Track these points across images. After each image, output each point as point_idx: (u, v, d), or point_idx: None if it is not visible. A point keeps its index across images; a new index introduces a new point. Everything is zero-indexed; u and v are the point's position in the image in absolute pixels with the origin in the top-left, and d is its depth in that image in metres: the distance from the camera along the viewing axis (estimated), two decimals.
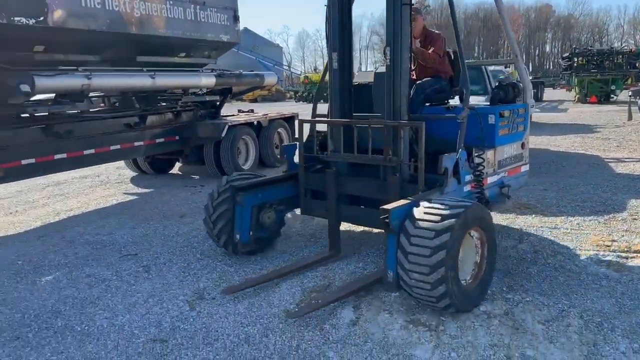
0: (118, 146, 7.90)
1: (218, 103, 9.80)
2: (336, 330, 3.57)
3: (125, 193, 8.71)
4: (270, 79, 10.40)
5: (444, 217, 3.49)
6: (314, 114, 5.27)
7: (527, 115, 5.30)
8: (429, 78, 5.21)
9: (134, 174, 10.29)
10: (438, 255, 3.39)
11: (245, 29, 67.31)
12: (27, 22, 5.78)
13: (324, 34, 4.89)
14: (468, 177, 4.48)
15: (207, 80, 8.65)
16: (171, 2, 7.74)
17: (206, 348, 3.41)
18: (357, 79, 6.35)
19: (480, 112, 4.77)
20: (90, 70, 6.62)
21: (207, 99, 9.44)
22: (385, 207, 3.64)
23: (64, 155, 7.08)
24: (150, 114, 8.47)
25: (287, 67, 68.75)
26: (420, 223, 3.52)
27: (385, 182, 4.40)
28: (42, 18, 5.93)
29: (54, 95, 6.79)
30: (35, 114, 6.72)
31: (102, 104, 8.69)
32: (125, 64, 7.50)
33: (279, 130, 10.73)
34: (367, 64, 78.79)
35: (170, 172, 10.51)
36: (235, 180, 4.98)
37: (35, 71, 5.98)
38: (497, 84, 5.39)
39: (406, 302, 3.93)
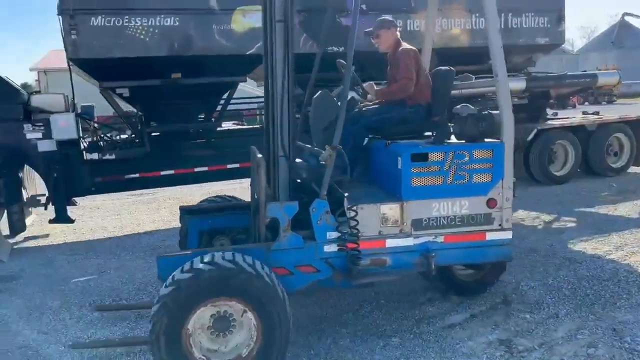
0: None
1: (539, 106, 9.65)
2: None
3: None
4: (607, 79, 9.42)
5: (185, 271, 3.00)
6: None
7: (500, 160, 3.75)
8: (376, 106, 4.34)
9: None
10: (158, 306, 2.93)
11: (624, 23, 51.61)
12: (338, 49, 7.59)
13: None
14: (333, 234, 3.53)
15: (515, 85, 8.74)
16: (476, 15, 8.29)
17: None
18: None
19: (375, 149, 3.82)
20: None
21: (517, 101, 9.45)
22: (163, 255, 3.38)
23: None
24: None
25: None
26: (175, 273, 3.05)
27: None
28: None
29: None
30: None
31: None
32: None
33: (616, 135, 9.65)
34: None
35: None
36: (202, 203, 4.87)
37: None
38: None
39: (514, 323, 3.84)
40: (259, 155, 3.59)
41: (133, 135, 7.69)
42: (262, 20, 3.73)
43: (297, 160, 3.81)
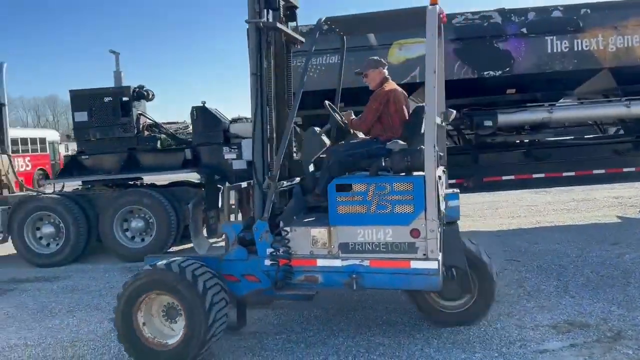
0: (602, 170, 8.44)
1: None
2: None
3: (618, 216, 9.04)
4: None
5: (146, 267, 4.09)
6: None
7: (421, 193, 3.78)
8: (354, 140, 4.64)
9: None
10: (122, 289, 4.02)
11: None
12: (495, 74, 7.71)
13: None
14: (270, 250, 4.06)
15: None
16: None
17: None
18: None
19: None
20: (552, 104, 7.79)
21: None
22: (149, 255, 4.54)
23: (542, 175, 8.49)
24: None
25: None
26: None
27: None
28: (508, 69, 7.69)
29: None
30: (516, 141, 8.53)
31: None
32: (604, 94, 8.03)
33: None
34: None
35: None
36: None
37: (501, 109, 7.85)
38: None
39: None
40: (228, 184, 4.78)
41: None
42: None
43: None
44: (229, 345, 4.36)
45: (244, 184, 4.89)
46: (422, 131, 4.52)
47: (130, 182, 8.74)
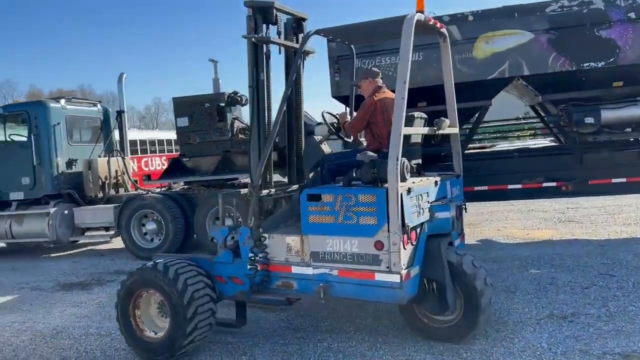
0: None
1: None
2: None
3: None
4: None
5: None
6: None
7: (383, 205, 3.70)
8: (348, 149, 4.76)
9: None
10: (120, 285, 4.43)
11: None
12: (596, 65, 6.91)
13: None
14: (250, 255, 4.24)
15: None
16: None
17: None
18: None
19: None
20: None
21: None
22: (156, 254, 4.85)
23: None
24: None
25: None
26: None
27: None
28: (612, 59, 6.85)
29: None
30: (630, 139, 7.56)
31: None
32: None
33: None
34: None
35: None
36: None
37: (605, 105, 7.02)
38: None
39: None
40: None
41: None
42: None
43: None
44: (270, 349, 4.45)
45: (244, 190, 5.06)
46: (412, 141, 4.53)
47: (227, 183, 9.23)
